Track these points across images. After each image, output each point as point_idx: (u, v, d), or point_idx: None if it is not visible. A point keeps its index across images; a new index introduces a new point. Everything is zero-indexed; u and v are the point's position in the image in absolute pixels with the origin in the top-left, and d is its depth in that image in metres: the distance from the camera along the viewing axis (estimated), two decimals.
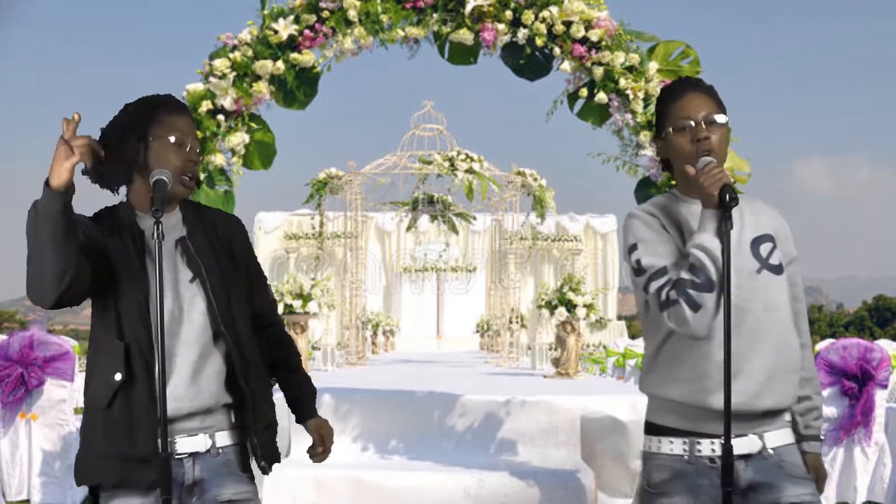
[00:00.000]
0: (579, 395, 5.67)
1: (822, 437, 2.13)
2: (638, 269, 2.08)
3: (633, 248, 2.12)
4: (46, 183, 1.90)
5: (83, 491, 6.09)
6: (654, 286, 2.04)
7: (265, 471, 2.24)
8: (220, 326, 2.16)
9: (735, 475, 2.04)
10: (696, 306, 1.97)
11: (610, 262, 18.39)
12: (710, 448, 2.06)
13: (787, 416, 2.16)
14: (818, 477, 2.19)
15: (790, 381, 2.10)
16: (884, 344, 8.00)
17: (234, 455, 2.20)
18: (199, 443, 2.14)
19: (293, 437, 5.54)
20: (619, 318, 20.19)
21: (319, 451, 2.34)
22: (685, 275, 1.99)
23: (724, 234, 1.94)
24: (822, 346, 7.02)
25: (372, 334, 14.10)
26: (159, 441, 2.01)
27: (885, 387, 6.15)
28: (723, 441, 1.96)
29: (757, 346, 2.05)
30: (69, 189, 1.92)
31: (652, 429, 2.18)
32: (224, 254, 2.25)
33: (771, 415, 2.09)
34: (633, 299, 2.28)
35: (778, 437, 2.10)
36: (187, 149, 2.19)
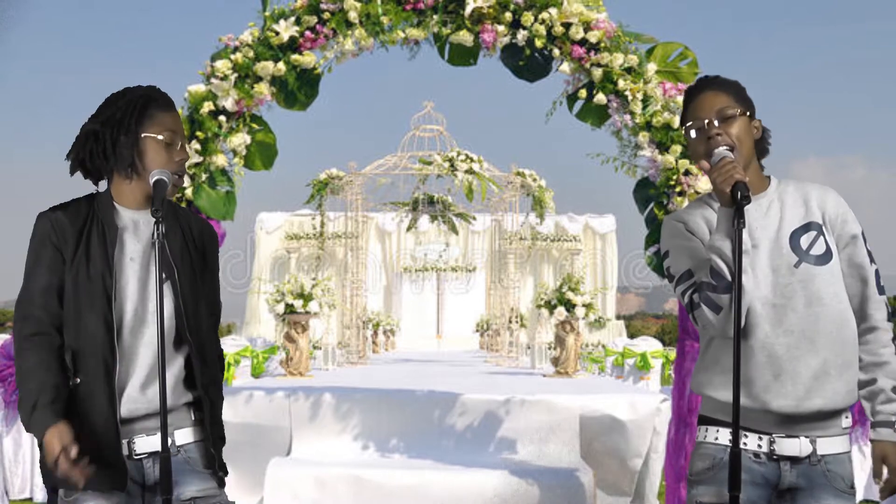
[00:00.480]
0: (578, 394, 5.66)
1: None
2: (669, 276, 2.15)
3: (664, 255, 2.18)
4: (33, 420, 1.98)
5: None
6: (679, 290, 2.10)
7: (222, 482, 2.23)
8: (185, 331, 2.14)
9: (779, 475, 2.02)
10: (717, 308, 1.97)
11: (609, 261, 18.41)
12: (756, 443, 2.03)
13: (847, 421, 2.09)
14: (890, 468, 2.04)
15: (845, 378, 2.03)
16: None
17: (195, 453, 2.18)
18: (158, 442, 2.09)
19: (294, 435, 5.54)
20: (618, 317, 20.19)
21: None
22: (705, 278, 2.00)
23: (736, 232, 1.91)
24: None
25: (372, 333, 14.10)
26: (124, 441, 2.06)
27: None
28: (741, 443, 1.96)
29: (801, 344, 2.01)
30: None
31: (703, 420, 2.17)
32: (197, 258, 2.25)
33: (823, 416, 2.02)
34: (633, 299, 2.29)
35: (831, 444, 2.04)
36: (178, 147, 2.18)
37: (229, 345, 9.53)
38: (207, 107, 4.01)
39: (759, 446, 2.02)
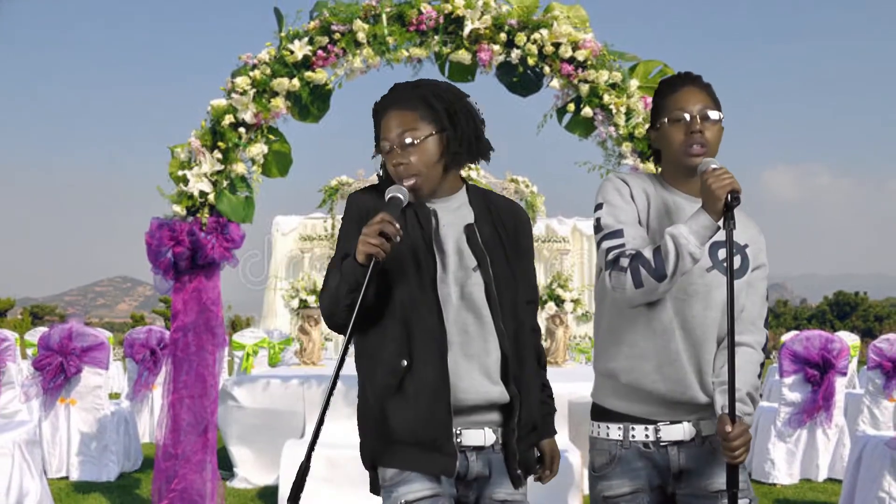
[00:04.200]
0: (567, 381, 5.65)
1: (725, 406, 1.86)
2: (597, 227, 1.97)
3: (598, 206, 2.00)
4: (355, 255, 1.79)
5: (117, 468, 6.10)
6: (605, 244, 1.92)
7: (518, 481, 1.96)
8: (499, 320, 1.90)
9: (668, 461, 1.95)
10: (639, 284, 1.83)
11: (595, 261, 18.40)
12: (643, 433, 1.96)
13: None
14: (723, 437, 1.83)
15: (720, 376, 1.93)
16: (843, 336, 8.02)
17: (504, 455, 1.94)
18: (483, 437, 1.89)
19: (307, 419, 5.54)
20: None
21: (547, 473, 2.12)
22: (647, 253, 1.84)
23: (728, 232, 1.81)
24: (787, 337, 7.02)
25: None
26: (455, 429, 1.86)
27: (845, 374, 6.16)
28: (630, 436, 1.96)
29: (689, 339, 1.93)
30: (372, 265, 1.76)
31: (595, 413, 2.07)
32: (509, 244, 1.98)
33: (708, 406, 1.94)
34: None
35: (712, 425, 1.94)
36: (392, 151, 1.92)
37: (248, 337, 9.52)
38: (228, 119, 4.01)
39: (647, 436, 1.95)
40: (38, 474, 4.96)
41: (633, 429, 1.97)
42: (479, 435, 1.89)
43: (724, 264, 1.88)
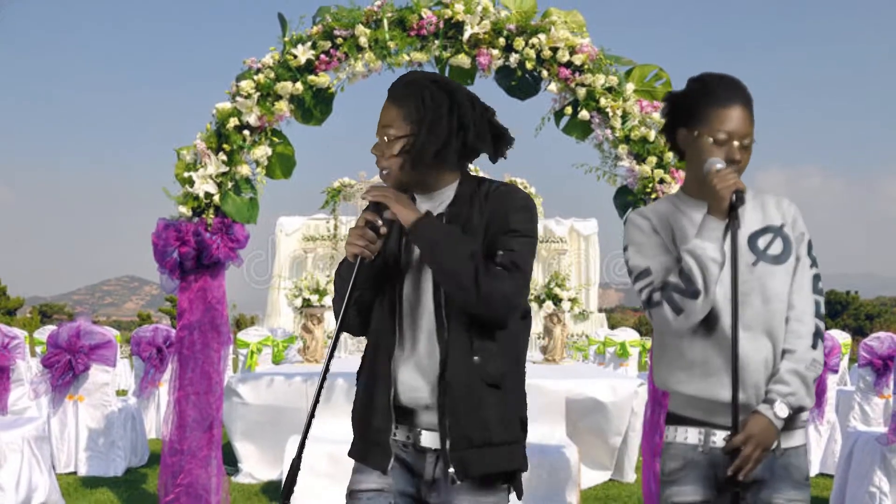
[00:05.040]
0: (564, 378, 5.66)
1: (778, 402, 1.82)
2: (629, 270, 1.95)
3: (625, 249, 1.98)
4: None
5: (124, 464, 6.10)
6: (638, 286, 1.91)
7: (438, 479, 1.85)
8: (443, 317, 1.83)
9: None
10: (678, 310, 1.81)
11: (592, 260, 18.38)
12: (723, 439, 1.85)
13: (805, 415, 1.94)
14: (746, 434, 1.81)
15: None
16: (835, 334, 8.00)
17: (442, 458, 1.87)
18: (437, 439, 1.82)
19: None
20: (600, 310, 20.16)
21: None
22: (673, 279, 1.82)
23: (732, 232, 1.78)
24: None
25: None
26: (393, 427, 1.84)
27: (836, 371, 6.16)
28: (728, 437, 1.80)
29: (759, 339, 1.86)
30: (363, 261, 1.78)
31: (671, 419, 1.97)
32: (496, 225, 1.84)
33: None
34: (613, 294, 2.17)
35: (792, 438, 1.89)
36: (385, 141, 1.88)
37: (253, 335, 9.53)
38: (233, 122, 4.01)
39: (726, 440, 1.84)
40: (47, 469, 4.96)
41: (713, 434, 1.88)
42: (433, 437, 1.82)
43: (769, 252, 1.86)
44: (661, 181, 3.90)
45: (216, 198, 4.04)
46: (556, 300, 7.15)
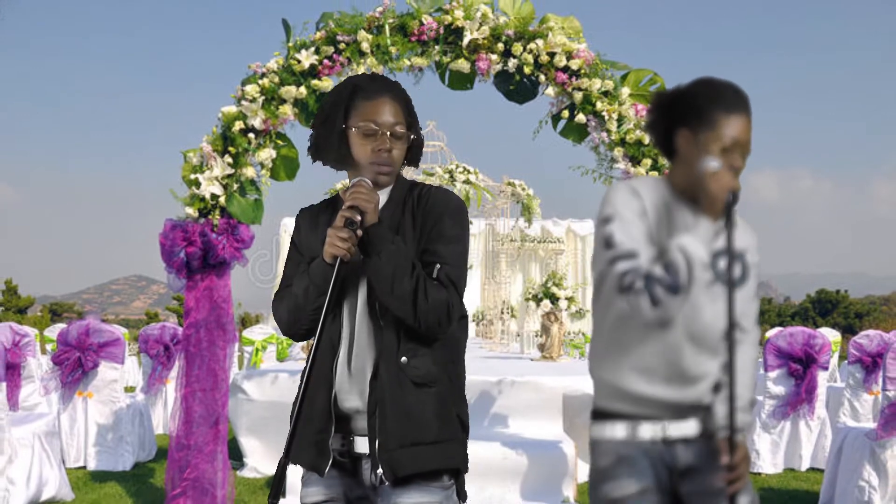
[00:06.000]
0: (561, 375, 5.66)
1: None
2: (608, 242, 1.78)
3: (608, 219, 1.80)
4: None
5: (132, 458, 6.09)
6: (620, 266, 1.75)
7: (381, 482, 1.79)
8: (378, 318, 1.78)
9: (675, 459, 1.84)
10: (657, 302, 1.71)
11: (588, 260, 18.42)
12: (650, 431, 1.83)
13: None
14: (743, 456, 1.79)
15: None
16: (825, 332, 8.00)
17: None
18: (365, 445, 1.79)
19: None
20: None
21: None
22: (658, 271, 1.71)
23: (728, 232, 1.71)
24: (771, 333, 7.01)
25: None
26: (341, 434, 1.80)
27: (826, 368, 6.15)
28: (639, 433, 1.80)
29: (698, 351, 1.83)
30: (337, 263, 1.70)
31: (596, 415, 1.91)
32: (427, 228, 1.82)
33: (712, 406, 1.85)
34: None
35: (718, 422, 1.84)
36: (379, 136, 1.82)
37: (258, 333, 9.52)
38: (238, 125, 4.01)
39: (654, 432, 1.82)
40: (57, 464, 4.96)
41: (640, 424, 1.84)
42: (365, 442, 1.79)
43: (725, 274, 1.75)
44: None
45: (222, 199, 4.04)
46: (554, 299, 7.15)
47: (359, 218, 1.71)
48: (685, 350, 1.81)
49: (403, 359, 1.76)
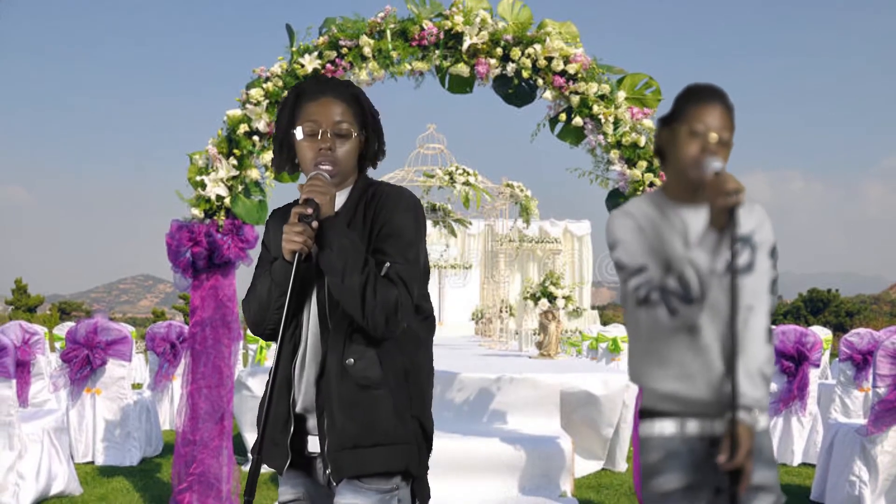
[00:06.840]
0: (559, 373, 5.66)
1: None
2: (619, 266, 1.89)
3: (612, 246, 1.92)
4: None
5: (139, 454, 6.10)
6: (634, 282, 1.85)
7: (329, 483, 1.79)
8: (327, 318, 1.76)
9: (713, 454, 1.84)
10: (674, 312, 1.79)
11: (585, 260, 18.40)
12: (698, 427, 1.87)
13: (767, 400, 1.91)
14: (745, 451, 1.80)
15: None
16: (817, 330, 8.01)
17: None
18: (316, 444, 1.79)
19: None
20: (593, 307, 20.19)
21: None
22: (672, 283, 1.79)
23: (731, 235, 1.73)
24: None
25: None
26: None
27: (818, 366, 6.16)
28: (687, 428, 1.82)
29: (727, 350, 1.85)
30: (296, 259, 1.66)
31: (645, 414, 1.95)
32: (379, 225, 1.78)
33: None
34: (605, 292, 2.11)
35: (759, 422, 1.86)
36: (319, 136, 1.77)
37: None
38: (243, 128, 4.01)
39: (703, 428, 1.86)
40: (66, 459, 4.96)
41: (688, 422, 1.88)
42: (316, 442, 1.77)
43: (738, 263, 1.79)
44: (651, 185, 3.90)
45: (227, 200, 4.04)
46: (551, 298, 7.15)
47: (310, 211, 1.66)
48: (717, 351, 1.86)
49: (349, 360, 1.71)
